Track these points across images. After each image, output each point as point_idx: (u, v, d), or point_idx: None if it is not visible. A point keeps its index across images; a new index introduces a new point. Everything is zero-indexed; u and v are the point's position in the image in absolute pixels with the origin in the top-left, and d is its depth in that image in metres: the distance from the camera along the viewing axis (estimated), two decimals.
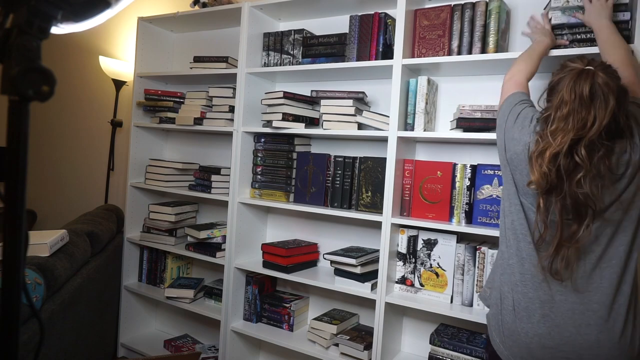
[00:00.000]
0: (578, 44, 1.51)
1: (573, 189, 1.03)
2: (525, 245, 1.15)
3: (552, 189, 1.06)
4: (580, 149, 1.03)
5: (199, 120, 2.34)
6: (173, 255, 2.58)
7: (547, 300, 1.11)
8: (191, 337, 2.62)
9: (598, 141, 1.03)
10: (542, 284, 1.12)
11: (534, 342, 1.11)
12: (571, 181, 1.04)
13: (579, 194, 1.03)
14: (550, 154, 1.04)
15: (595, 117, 1.02)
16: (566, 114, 1.05)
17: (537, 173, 1.06)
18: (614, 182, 1.06)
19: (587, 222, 1.04)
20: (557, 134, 1.05)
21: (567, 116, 1.04)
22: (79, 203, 3.34)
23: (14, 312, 0.54)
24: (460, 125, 1.68)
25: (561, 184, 1.05)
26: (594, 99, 1.04)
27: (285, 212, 2.34)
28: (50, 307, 1.72)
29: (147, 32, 2.64)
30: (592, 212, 1.04)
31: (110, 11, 0.63)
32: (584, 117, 1.03)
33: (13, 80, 0.51)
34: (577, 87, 1.05)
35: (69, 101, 3.43)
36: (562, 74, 1.12)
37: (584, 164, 1.02)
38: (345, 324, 2.00)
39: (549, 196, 1.07)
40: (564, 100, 1.06)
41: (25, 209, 0.55)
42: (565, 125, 1.04)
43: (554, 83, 1.14)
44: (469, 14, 1.71)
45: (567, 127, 1.04)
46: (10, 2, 0.53)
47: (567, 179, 1.04)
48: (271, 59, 2.21)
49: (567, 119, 1.04)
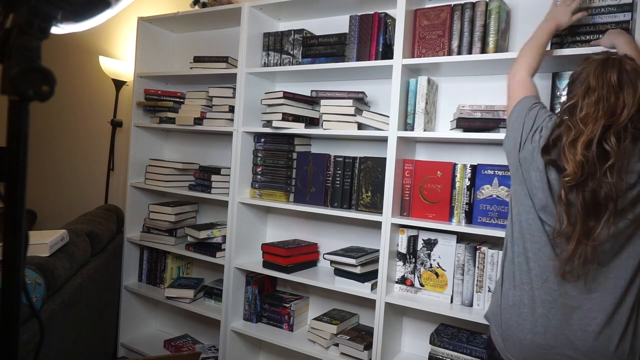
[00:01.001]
0: (580, 44, 1.51)
1: (600, 179, 0.99)
2: (532, 245, 1.14)
3: (585, 179, 1.01)
4: (610, 136, 0.99)
5: (199, 120, 2.34)
6: (173, 255, 2.58)
7: (548, 301, 1.10)
8: (191, 337, 2.62)
9: (625, 129, 1.00)
10: (545, 284, 1.11)
11: (527, 339, 1.11)
12: (599, 171, 1.00)
13: (604, 185, 0.99)
14: (584, 141, 1.00)
15: (625, 103, 1.00)
16: (595, 100, 1.02)
17: (571, 163, 1.01)
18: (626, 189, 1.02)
19: (606, 217, 1.01)
20: (588, 120, 1.01)
21: (596, 102, 1.01)
22: (79, 203, 3.34)
23: (14, 312, 0.54)
24: (460, 125, 1.68)
25: (594, 173, 1.00)
26: (622, 85, 1.01)
27: (285, 212, 2.34)
28: (50, 307, 1.72)
29: (147, 32, 2.64)
30: (613, 207, 1.00)
31: (110, 11, 0.63)
32: (613, 104, 1.00)
33: (13, 80, 0.51)
34: (605, 73, 1.03)
35: (69, 101, 3.43)
36: (584, 64, 1.10)
37: (613, 152, 0.99)
38: (345, 324, 2.00)
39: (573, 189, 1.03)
40: (591, 86, 1.04)
41: (25, 209, 0.55)
42: (596, 112, 1.01)
43: (575, 75, 1.12)
44: (469, 14, 1.71)
45: (598, 114, 1.01)
46: (10, 2, 0.53)
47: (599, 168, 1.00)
48: (271, 59, 2.21)
49: (597, 105, 1.01)
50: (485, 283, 1.68)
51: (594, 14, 1.49)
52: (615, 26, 1.46)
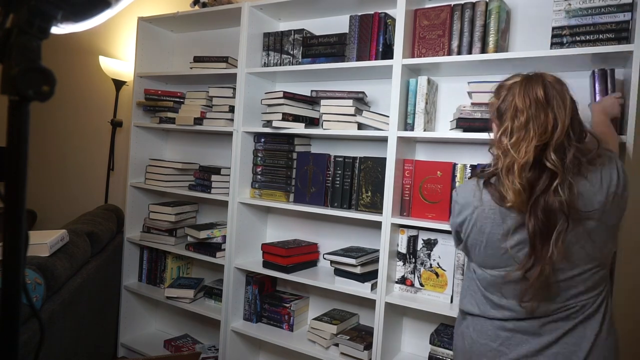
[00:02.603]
0: (580, 44, 1.51)
1: (551, 199, 0.95)
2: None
3: (530, 204, 0.97)
4: (550, 153, 0.96)
5: (199, 120, 2.34)
6: (173, 255, 2.58)
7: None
8: (191, 337, 2.62)
9: (567, 143, 0.97)
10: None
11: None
12: (547, 191, 0.96)
13: (555, 203, 0.94)
14: (519, 167, 0.96)
15: (556, 118, 0.97)
16: (524, 121, 0.98)
17: (511, 192, 0.97)
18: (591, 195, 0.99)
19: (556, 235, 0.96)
20: (520, 145, 0.97)
21: (526, 124, 0.98)
22: (79, 203, 3.34)
23: (14, 312, 0.54)
24: (460, 125, 1.68)
25: (537, 197, 0.96)
26: (549, 100, 0.99)
27: (285, 212, 2.34)
28: (50, 307, 1.72)
29: (147, 32, 2.64)
30: (564, 220, 0.95)
31: (110, 11, 0.63)
32: (543, 122, 0.97)
33: (13, 80, 0.51)
34: (530, 92, 1.00)
35: (69, 101, 3.43)
36: (504, 91, 1.07)
37: (558, 170, 0.95)
38: (345, 324, 2.00)
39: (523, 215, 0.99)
40: (518, 109, 1.00)
41: (25, 209, 0.55)
42: (527, 133, 0.97)
43: (499, 104, 1.07)
44: (469, 14, 1.71)
45: (529, 135, 0.97)
46: (10, 2, 0.53)
47: (543, 191, 0.96)
48: (271, 59, 2.21)
49: (527, 127, 0.97)
50: None
51: (594, 14, 1.49)
52: (615, 26, 1.46)
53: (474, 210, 1.07)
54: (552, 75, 1.03)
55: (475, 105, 1.66)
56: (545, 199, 0.95)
